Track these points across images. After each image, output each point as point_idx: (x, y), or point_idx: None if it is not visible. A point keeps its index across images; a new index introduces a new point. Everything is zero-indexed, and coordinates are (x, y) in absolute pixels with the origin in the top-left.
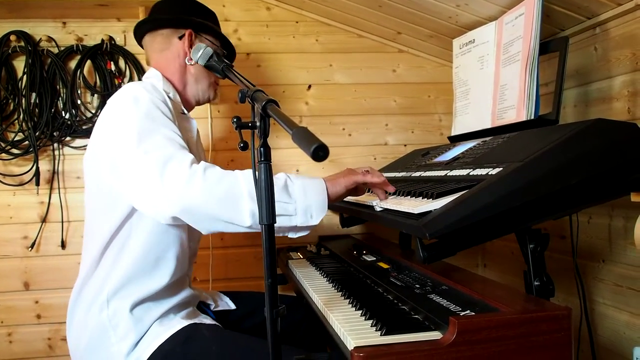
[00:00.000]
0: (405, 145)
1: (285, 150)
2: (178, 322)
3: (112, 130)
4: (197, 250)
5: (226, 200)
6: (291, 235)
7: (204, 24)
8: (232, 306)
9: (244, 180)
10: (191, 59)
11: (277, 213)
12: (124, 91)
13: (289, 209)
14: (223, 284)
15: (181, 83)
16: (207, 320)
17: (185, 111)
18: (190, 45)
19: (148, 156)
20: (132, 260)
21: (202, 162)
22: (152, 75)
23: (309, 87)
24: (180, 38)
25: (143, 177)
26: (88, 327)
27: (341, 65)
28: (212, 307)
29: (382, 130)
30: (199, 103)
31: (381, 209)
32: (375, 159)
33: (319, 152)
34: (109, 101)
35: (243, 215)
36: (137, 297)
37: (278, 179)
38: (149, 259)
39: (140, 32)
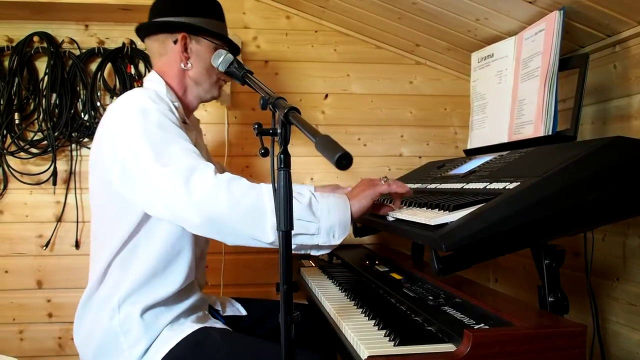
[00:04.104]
0: (420, 157)
1: (300, 158)
2: (188, 327)
3: (122, 141)
4: (205, 254)
5: (250, 215)
6: (313, 252)
7: (196, 26)
8: (243, 312)
9: (269, 196)
10: (187, 64)
11: (299, 232)
12: (130, 101)
13: (311, 228)
14: (234, 290)
15: (181, 87)
16: (218, 324)
17: (187, 120)
18: (186, 49)
19: (169, 168)
20: (144, 267)
21: (227, 173)
22: (155, 80)
23: (326, 96)
24: (176, 42)
25: (167, 189)
26: (98, 333)
27: (358, 75)
28: (220, 312)
29: (398, 141)
30: (203, 101)
31: (396, 219)
32: (389, 169)
33: (343, 161)
34: (111, 110)
35: (266, 231)
36: (148, 302)
37: (302, 196)
38: (161, 265)
39: (140, 37)
